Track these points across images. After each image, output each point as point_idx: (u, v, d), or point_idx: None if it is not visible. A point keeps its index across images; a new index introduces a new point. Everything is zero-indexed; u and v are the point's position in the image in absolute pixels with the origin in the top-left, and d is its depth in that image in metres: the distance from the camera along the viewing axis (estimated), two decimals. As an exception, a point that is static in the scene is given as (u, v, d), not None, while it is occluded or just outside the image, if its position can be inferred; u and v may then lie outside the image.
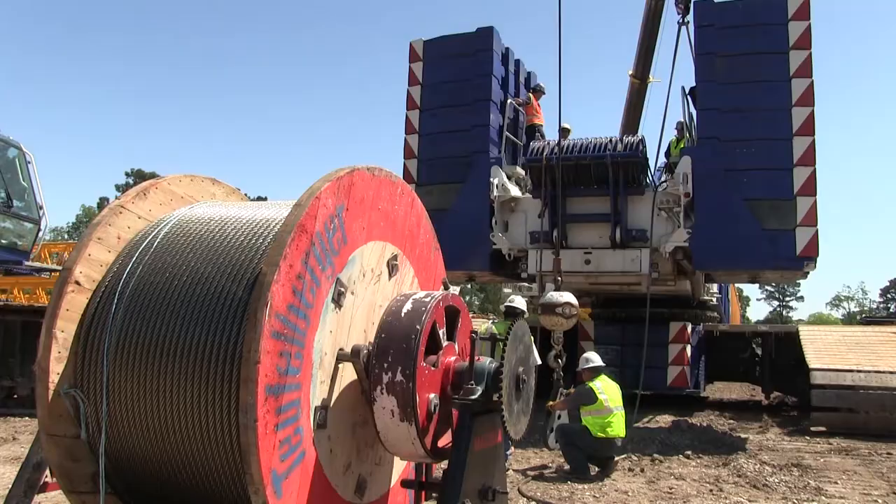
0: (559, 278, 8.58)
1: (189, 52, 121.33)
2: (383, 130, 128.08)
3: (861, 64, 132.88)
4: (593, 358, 7.76)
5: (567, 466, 7.40)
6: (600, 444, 7.22)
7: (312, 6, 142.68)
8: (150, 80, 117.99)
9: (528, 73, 13.31)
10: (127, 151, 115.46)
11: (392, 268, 3.63)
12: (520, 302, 7.94)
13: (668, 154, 12.43)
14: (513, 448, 7.92)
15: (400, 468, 3.83)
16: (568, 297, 7.35)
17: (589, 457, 7.35)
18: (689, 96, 11.00)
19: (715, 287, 15.07)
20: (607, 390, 7.43)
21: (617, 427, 7.30)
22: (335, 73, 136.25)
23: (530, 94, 12.77)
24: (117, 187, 62.27)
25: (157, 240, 3.46)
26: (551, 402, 7.82)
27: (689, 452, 8.58)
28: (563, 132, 12.29)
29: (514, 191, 11.24)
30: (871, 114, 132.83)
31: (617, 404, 7.43)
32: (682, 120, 11.77)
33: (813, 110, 9.38)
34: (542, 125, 12.75)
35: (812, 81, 9.43)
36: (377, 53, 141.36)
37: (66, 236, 61.47)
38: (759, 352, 14.20)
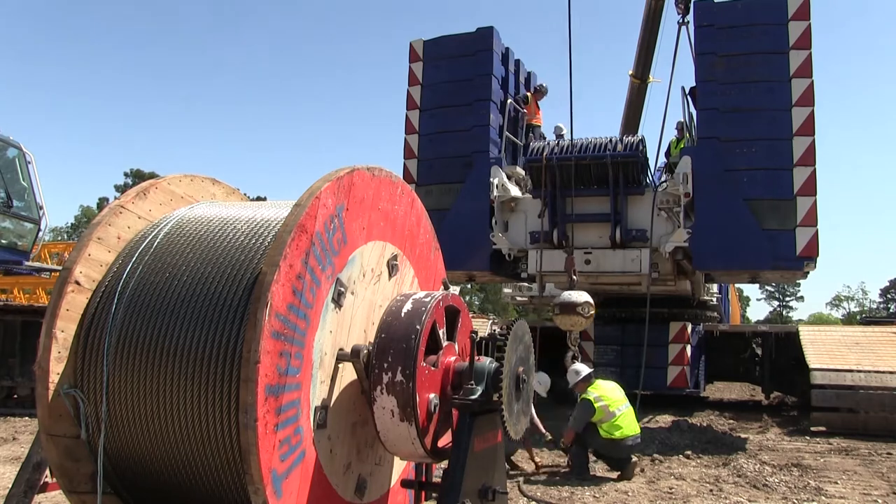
0: (574, 277, 8.47)
1: (188, 51, 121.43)
2: (383, 131, 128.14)
3: (861, 64, 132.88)
4: (581, 369, 7.52)
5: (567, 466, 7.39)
6: (612, 445, 7.13)
7: (312, 6, 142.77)
8: (149, 79, 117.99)
9: (528, 73, 13.32)
10: (126, 152, 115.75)
11: (392, 268, 3.63)
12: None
13: (668, 154, 12.45)
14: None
15: (400, 468, 3.82)
16: (586, 296, 7.26)
17: (602, 457, 7.32)
18: (689, 96, 11.02)
19: (715, 287, 15.07)
20: (605, 395, 7.24)
21: (626, 427, 7.15)
22: (335, 72, 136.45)
23: (529, 95, 12.78)
24: (116, 187, 62.20)
25: (157, 240, 3.46)
26: (563, 440, 7.40)
27: (689, 452, 8.58)
28: (557, 132, 12.33)
29: (514, 191, 11.25)
30: (871, 114, 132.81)
31: (619, 405, 7.25)
32: (682, 120, 11.80)
33: (813, 110, 9.39)
34: (539, 126, 12.76)
35: (812, 81, 9.44)
36: (377, 53, 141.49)
37: (66, 236, 61.43)
38: (759, 352, 14.19)
